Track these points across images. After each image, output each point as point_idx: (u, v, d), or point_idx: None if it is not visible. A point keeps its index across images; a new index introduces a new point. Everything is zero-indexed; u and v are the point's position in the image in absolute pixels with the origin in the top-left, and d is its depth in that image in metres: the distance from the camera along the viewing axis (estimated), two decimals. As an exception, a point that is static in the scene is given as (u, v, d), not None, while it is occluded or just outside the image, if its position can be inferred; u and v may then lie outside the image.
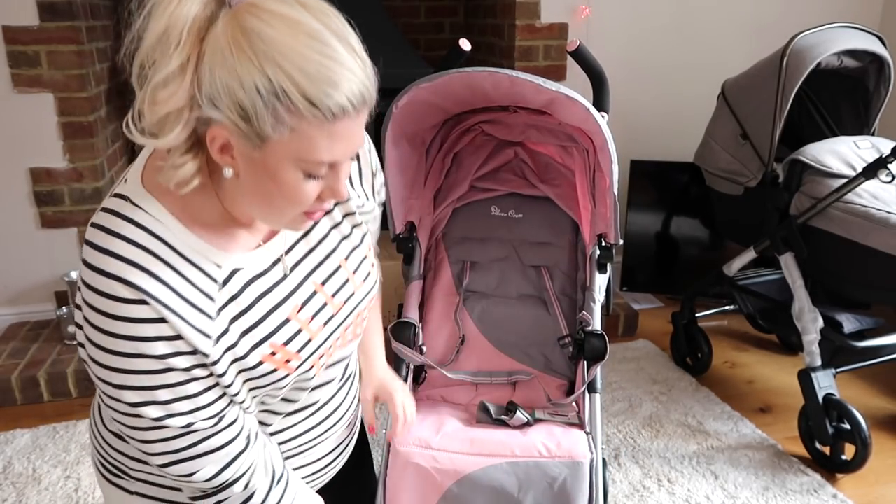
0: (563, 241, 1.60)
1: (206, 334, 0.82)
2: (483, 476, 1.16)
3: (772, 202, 2.07)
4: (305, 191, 0.79)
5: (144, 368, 0.80)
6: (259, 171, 0.78)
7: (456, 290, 1.55)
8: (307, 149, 0.76)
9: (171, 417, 0.83)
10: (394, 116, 1.40)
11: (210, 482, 0.88)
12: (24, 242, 2.51)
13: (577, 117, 1.45)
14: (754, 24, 2.94)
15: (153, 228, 0.81)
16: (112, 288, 0.78)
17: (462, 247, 1.58)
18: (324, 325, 0.95)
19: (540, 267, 1.58)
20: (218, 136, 0.76)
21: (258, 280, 0.88)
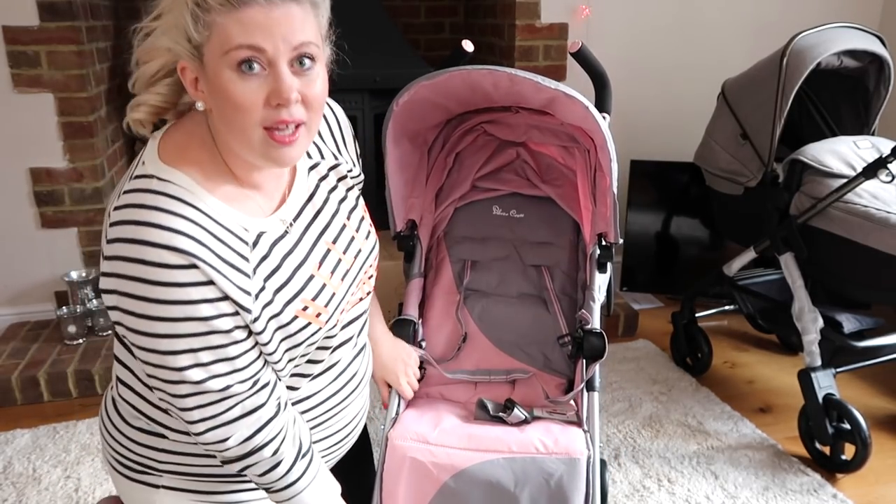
0: (564, 240, 1.60)
1: (246, 292, 0.88)
2: (479, 471, 1.17)
3: (772, 202, 2.07)
4: (245, 91, 0.84)
5: (190, 331, 0.86)
6: (212, 89, 0.86)
7: (456, 288, 1.55)
8: (225, 39, 0.83)
9: (212, 380, 0.88)
10: (394, 114, 1.40)
11: (242, 446, 0.93)
12: (24, 242, 2.51)
13: (576, 116, 1.45)
14: (754, 24, 2.94)
15: (185, 198, 0.87)
16: (161, 256, 0.83)
17: (463, 246, 1.59)
18: (342, 279, 1.03)
19: (540, 266, 1.58)
20: (186, 72, 0.87)
21: (281, 242, 0.95)
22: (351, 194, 1.11)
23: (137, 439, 1.05)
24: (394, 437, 1.23)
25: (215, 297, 0.86)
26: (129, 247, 0.83)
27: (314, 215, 1.03)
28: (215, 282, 0.85)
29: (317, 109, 0.91)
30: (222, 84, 0.84)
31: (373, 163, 2.86)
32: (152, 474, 1.05)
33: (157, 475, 1.05)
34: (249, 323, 0.90)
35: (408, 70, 2.71)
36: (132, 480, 1.07)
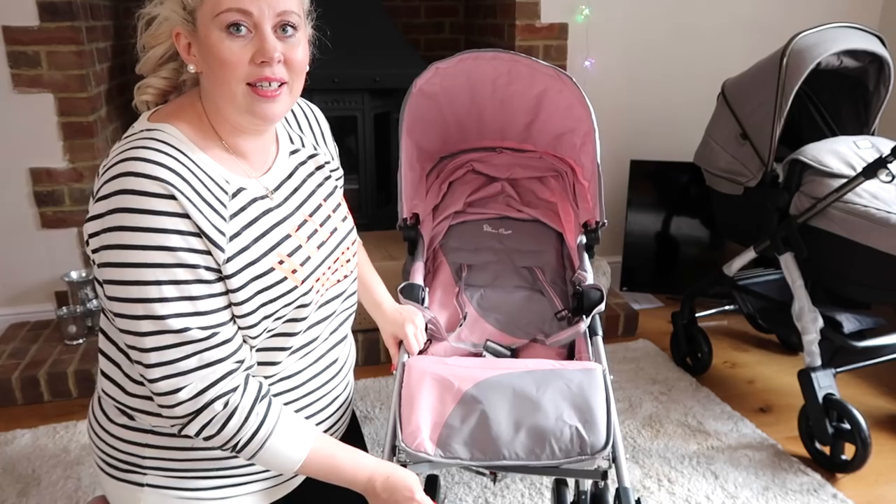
0: (550, 248, 1.74)
1: (221, 231, 0.94)
2: (501, 379, 1.18)
3: (772, 202, 2.07)
4: (232, 48, 0.94)
5: (159, 261, 0.90)
6: (203, 50, 0.95)
7: (455, 282, 1.65)
8: (215, 3, 0.92)
9: (172, 318, 0.91)
10: (410, 100, 1.57)
11: (194, 401, 0.94)
12: (24, 242, 2.51)
13: (563, 108, 1.60)
14: (754, 24, 2.94)
15: (172, 142, 0.95)
16: (142, 185, 0.89)
17: (458, 253, 1.71)
18: (318, 248, 1.09)
19: (531, 267, 1.69)
20: (180, 38, 0.97)
21: (261, 200, 1.03)
22: (328, 182, 1.18)
23: (122, 436, 1.06)
24: (410, 362, 1.24)
25: (188, 230, 0.91)
26: (115, 182, 0.90)
27: (292, 191, 1.10)
28: (190, 215, 0.91)
29: (298, 73, 1.00)
30: (212, 43, 0.93)
31: (373, 164, 2.87)
32: (137, 472, 1.07)
33: (142, 473, 1.06)
34: (222, 264, 0.94)
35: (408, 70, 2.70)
36: (118, 480, 1.09)
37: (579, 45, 2.78)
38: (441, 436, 1.11)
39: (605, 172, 1.58)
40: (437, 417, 1.13)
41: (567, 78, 1.55)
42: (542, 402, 1.13)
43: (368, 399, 2.29)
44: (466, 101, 1.65)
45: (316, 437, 1.04)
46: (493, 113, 1.70)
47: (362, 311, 1.42)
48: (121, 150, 0.94)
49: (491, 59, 1.55)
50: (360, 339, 2.48)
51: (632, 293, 3.07)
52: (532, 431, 1.10)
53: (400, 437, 1.12)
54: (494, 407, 1.13)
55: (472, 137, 1.78)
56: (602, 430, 1.10)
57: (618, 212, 2.95)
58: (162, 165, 0.91)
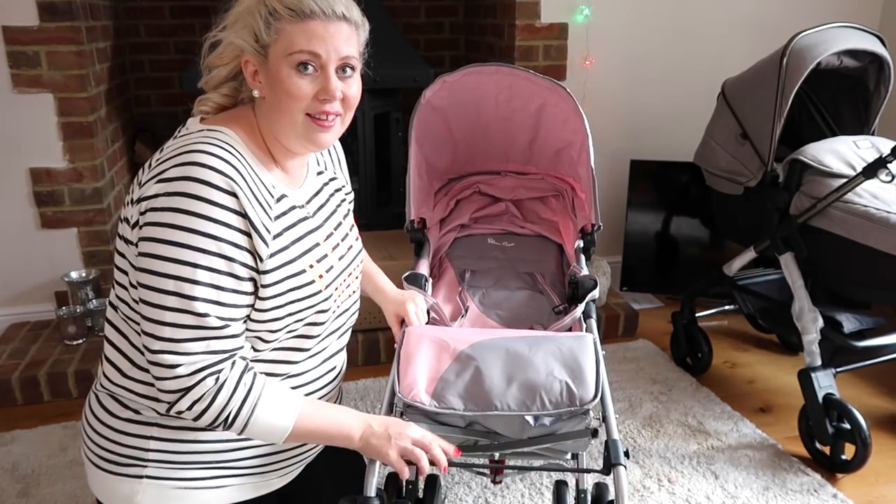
0: (550, 257, 1.81)
1: (268, 230, 1.03)
2: (495, 341, 1.24)
3: (772, 202, 2.07)
4: (300, 85, 1.04)
5: (202, 247, 0.97)
6: (270, 80, 1.05)
7: (459, 282, 1.70)
8: (290, 43, 1.03)
9: (199, 301, 0.97)
10: (420, 111, 1.66)
11: (188, 378, 0.99)
12: (24, 242, 2.51)
13: (560, 121, 1.69)
14: (754, 24, 2.94)
15: (233, 144, 1.04)
16: (209, 176, 0.97)
17: (463, 260, 1.79)
18: (339, 259, 1.20)
19: (532, 272, 1.75)
20: (248, 62, 1.06)
21: (297, 209, 1.12)
22: (344, 204, 1.30)
23: (126, 430, 1.09)
24: (410, 328, 1.31)
25: (238, 227, 0.99)
26: (182, 169, 0.97)
27: (320, 206, 1.20)
28: (248, 213, 0.99)
29: (351, 107, 1.12)
30: (282, 77, 1.04)
31: (373, 164, 2.87)
32: (137, 465, 1.09)
33: (143, 465, 1.09)
34: (264, 259, 1.02)
35: (408, 70, 2.71)
36: (115, 474, 1.11)
37: (579, 45, 2.78)
38: (436, 388, 1.16)
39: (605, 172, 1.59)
40: (434, 373, 1.19)
41: (562, 90, 1.63)
42: (534, 360, 1.19)
43: (368, 399, 2.29)
44: (472, 117, 1.75)
45: (304, 401, 1.09)
46: (497, 131, 1.80)
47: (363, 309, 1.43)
48: (187, 143, 1.01)
49: (493, 73, 1.65)
50: (359, 339, 2.48)
51: (632, 293, 3.07)
52: (523, 385, 1.15)
53: (397, 390, 1.17)
54: (488, 363, 1.19)
55: (479, 160, 1.89)
56: (591, 384, 1.15)
57: (618, 212, 2.95)
58: (228, 163, 0.99)
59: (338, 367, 1.27)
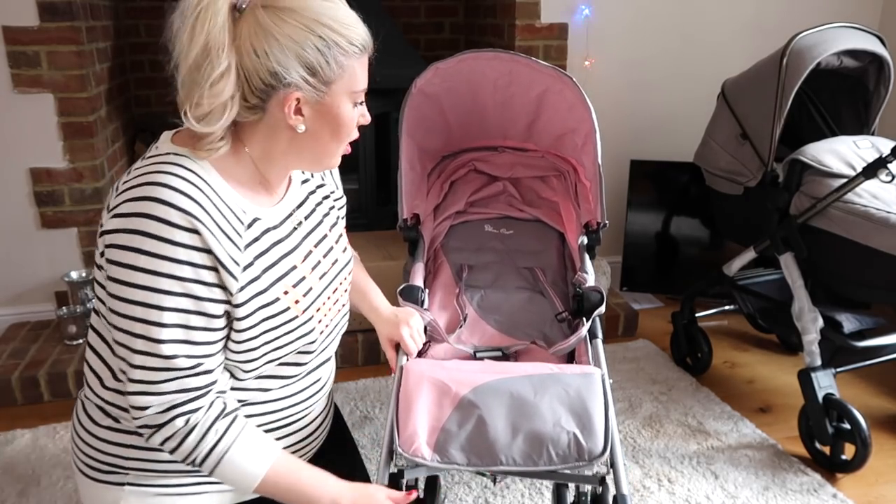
0: (552, 248, 1.73)
1: (237, 262, 0.98)
2: (499, 384, 1.17)
3: (772, 202, 2.07)
4: (354, 119, 1.04)
5: (166, 288, 0.93)
6: (325, 115, 1.01)
7: (456, 283, 1.63)
8: (354, 80, 1.01)
9: (166, 344, 0.94)
10: (410, 100, 1.57)
11: (159, 416, 0.98)
12: (24, 242, 2.51)
13: (564, 109, 1.60)
14: (754, 24, 2.94)
15: (197, 171, 0.97)
16: (168, 214, 0.92)
17: (460, 254, 1.70)
18: (319, 278, 1.14)
19: (532, 267, 1.68)
20: (291, 100, 0.97)
21: (273, 230, 1.07)
22: (333, 212, 1.24)
23: (106, 438, 1.08)
24: (408, 365, 1.24)
25: (203, 263, 0.94)
26: (139, 204, 0.92)
27: (304, 218, 1.15)
28: (212, 249, 0.94)
29: None
30: (343, 113, 1.02)
31: (373, 164, 2.87)
32: (119, 473, 1.09)
33: (124, 473, 1.09)
34: (234, 293, 0.98)
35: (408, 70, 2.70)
36: (98, 482, 1.11)
37: (579, 45, 2.78)
38: (438, 440, 1.11)
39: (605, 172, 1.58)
40: (434, 422, 1.13)
41: (567, 78, 1.54)
42: (540, 406, 1.13)
43: (368, 399, 2.29)
44: (468, 101, 1.65)
45: (278, 456, 1.05)
46: (495, 113, 1.70)
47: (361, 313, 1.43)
48: (146, 172, 0.95)
49: (491, 58, 1.55)
50: (360, 339, 2.48)
51: (632, 293, 3.07)
52: (529, 436, 1.10)
53: (397, 443, 1.11)
54: (492, 412, 1.12)
55: (474, 136, 1.78)
56: (600, 435, 1.10)
57: (618, 212, 2.95)
58: (189, 197, 0.93)
59: (322, 379, 1.23)
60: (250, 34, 0.94)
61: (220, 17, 0.92)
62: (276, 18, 0.93)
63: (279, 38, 0.93)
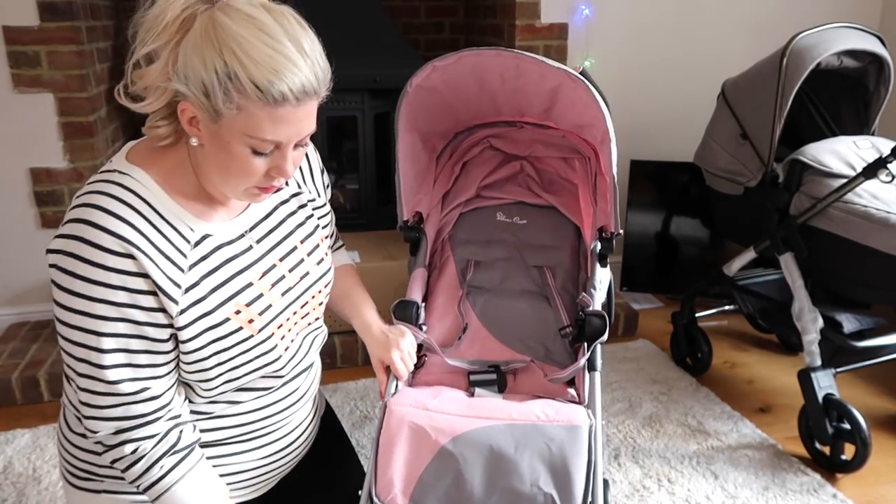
0: (566, 244, 1.63)
1: (176, 284, 0.94)
2: (479, 435, 1.14)
3: (772, 202, 2.07)
4: (254, 165, 0.93)
5: (102, 314, 0.90)
6: (217, 143, 0.92)
7: (459, 284, 1.58)
8: (253, 127, 0.89)
9: (108, 369, 0.92)
10: (407, 97, 1.46)
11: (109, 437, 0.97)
12: (24, 242, 2.51)
13: (579, 105, 1.48)
14: (754, 24, 2.94)
15: (137, 190, 0.94)
16: (100, 239, 0.89)
17: (467, 247, 1.62)
18: (282, 294, 1.08)
19: (542, 267, 1.61)
20: (187, 109, 0.91)
21: (226, 247, 1.02)
22: (310, 221, 1.17)
23: (81, 445, 1.08)
24: (392, 403, 1.21)
25: (138, 289, 0.91)
26: (76, 226, 0.91)
27: (268, 232, 1.09)
28: (149, 273, 0.91)
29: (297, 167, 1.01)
30: (234, 152, 0.92)
31: (373, 164, 2.87)
32: (94, 480, 1.09)
33: (99, 480, 1.08)
34: (175, 316, 0.94)
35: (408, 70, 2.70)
36: (77, 488, 1.11)
37: (579, 45, 2.78)
38: (415, 491, 1.10)
39: (604, 172, 1.56)
40: (412, 471, 1.12)
41: (579, 80, 1.42)
42: (520, 464, 1.11)
43: (368, 399, 2.29)
44: (474, 89, 1.53)
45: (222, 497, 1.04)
46: (506, 97, 1.57)
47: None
48: (87, 192, 0.94)
49: (494, 55, 1.44)
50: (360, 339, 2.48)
51: (632, 293, 3.07)
52: (506, 495, 1.09)
53: (373, 490, 1.11)
54: (470, 466, 1.11)
55: (488, 113, 1.64)
56: (578, 499, 1.08)
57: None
58: (123, 220, 0.90)
59: (302, 389, 1.18)
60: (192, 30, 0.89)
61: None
62: (204, 30, 0.88)
63: (195, 48, 0.88)
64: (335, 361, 2.49)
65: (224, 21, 0.87)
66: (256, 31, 0.87)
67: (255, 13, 0.89)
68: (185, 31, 0.89)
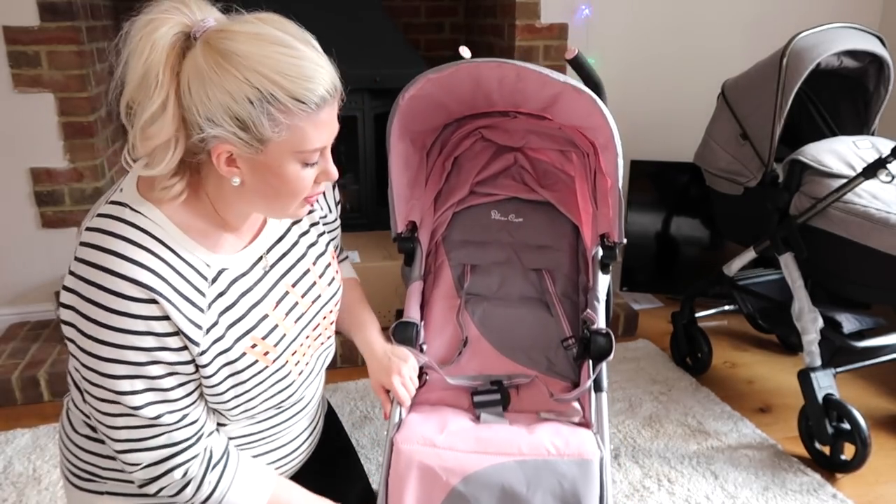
0: (564, 244, 1.59)
1: (198, 325, 0.92)
2: (491, 474, 1.13)
3: (772, 202, 2.07)
4: (306, 178, 0.91)
5: (132, 360, 0.89)
6: (264, 172, 0.89)
7: (457, 292, 1.54)
8: (302, 140, 0.88)
9: (146, 407, 0.91)
10: (400, 109, 1.40)
11: (152, 468, 0.96)
12: (24, 242, 2.51)
13: (581, 112, 1.43)
14: (754, 24, 2.94)
15: (153, 231, 0.90)
16: (119, 286, 0.86)
17: (462, 250, 1.58)
18: (295, 322, 1.07)
19: (541, 270, 1.57)
20: (222, 151, 0.87)
21: (241, 279, 0.99)
22: (322, 239, 1.15)
23: (84, 446, 1.07)
24: (399, 440, 1.18)
25: (164, 332, 0.89)
26: (92, 271, 0.87)
27: (280, 256, 1.07)
28: (171, 316, 0.88)
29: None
30: (286, 172, 0.89)
31: (373, 164, 2.87)
32: (97, 481, 1.08)
33: (102, 482, 1.08)
34: (196, 356, 0.93)
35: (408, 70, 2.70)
36: (79, 489, 1.10)
37: (579, 45, 2.77)
38: None
39: (604, 172, 1.55)
40: None
41: (585, 92, 1.34)
42: (532, 502, 1.10)
43: (368, 399, 2.29)
44: (469, 89, 1.46)
45: (273, 488, 1.05)
46: (503, 96, 1.50)
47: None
48: (102, 227, 0.89)
49: (495, 67, 1.36)
50: (360, 339, 2.48)
51: (632, 293, 3.07)
52: None
53: None
54: None
55: (481, 106, 1.56)
56: None
57: (618, 212, 2.95)
58: (142, 266, 0.87)
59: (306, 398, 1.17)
60: (189, 72, 0.84)
61: (160, 46, 0.83)
62: (214, 62, 0.82)
63: (212, 85, 0.83)
64: (335, 361, 2.49)
65: (232, 47, 0.83)
66: (271, 46, 0.84)
67: (256, 29, 0.85)
68: (178, 75, 0.84)
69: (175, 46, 0.84)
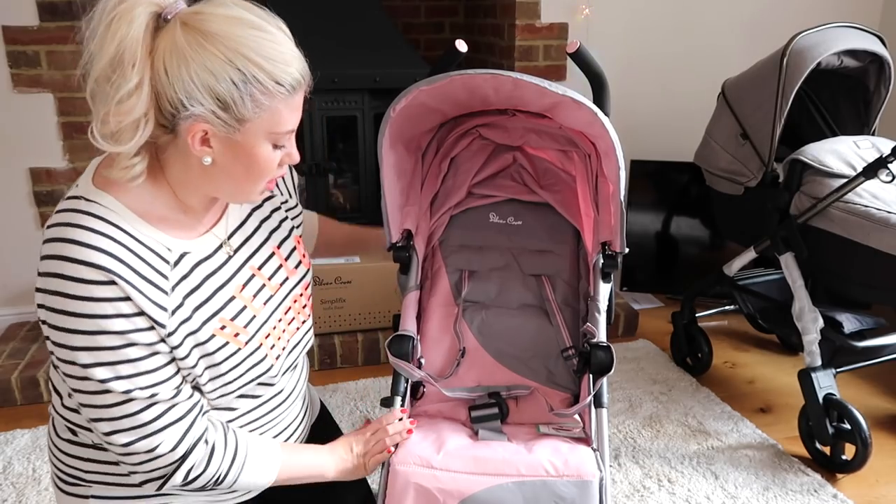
0: (564, 248, 1.55)
1: (162, 307, 0.92)
2: (489, 496, 1.11)
3: (772, 202, 2.07)
4: (274, 160, 0.95)
5: (107, 344, 0.89)
6: (237, 152, 0.92)
7: (454, 300, 1.50)
8: (277, 122, 0.91)
9: (136, 391, 0.91)
10: (391, 120, 1.34)
11: (174, 452, 0.95)
12: (24, 242, 2.51)
13: (582, 121, 1.40)
14: (754, 24, 2.94)
15: (109, 217, 0.91)
16: (78, 271, 0.86)
17: (460, 255, 1.54)
18: (264, 303, 1.07)
19: (541, 276, 1.53)
20: (197, 131, 0.88)
21: (204, 262, 1.00)
22: (284, 224, 1.17)
23: (67, 451, 1.07)
24: (395, 461, 1.16)
25: (131, 312, 0.89)
26: (53, 262, 0.87)
27: (244, 241, 1.08)
28: (132, 297, 0.88)
29: None
30: (259, 153, 0.93)
31: (373, 163, 2.87)
32: (82, 485, 1.07)
33: (87, 486, 1.07)
34: (165, 338, 0.92)
35: (408, 70, 2.71)
36: (66, 493, 1.10)
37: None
38: None
39: (605, 172, 1.53)
40: None
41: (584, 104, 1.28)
42: None
43: (368, 399, 2.29)
44: (465, 97, 1.41)
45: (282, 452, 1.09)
46: (501, 101, 1.46)
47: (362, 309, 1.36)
48: (59, 221, 0.90)
49: (490, 78, 1.29)
50: (360, 339, 2.48)
51: (632, 293, 3.07)
52: None
53: None
54: None
55: (477, 107, 1.51)
56: None
57: (618, 212, 2.95)
58: (99, 250, 0.87)
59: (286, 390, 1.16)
60: (165, 52, 0.84)
61: (135, 25, 0.83)
62: (195, 42, 0.84)
63: (192, 64, 0.84)
64: (335, 361, 2.49)
65: (213, 28, 0.85)
66: (250, 30, 0.87)
67: (233, 12, 0.87)
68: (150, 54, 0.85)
69: (148, 26, 0.85)
